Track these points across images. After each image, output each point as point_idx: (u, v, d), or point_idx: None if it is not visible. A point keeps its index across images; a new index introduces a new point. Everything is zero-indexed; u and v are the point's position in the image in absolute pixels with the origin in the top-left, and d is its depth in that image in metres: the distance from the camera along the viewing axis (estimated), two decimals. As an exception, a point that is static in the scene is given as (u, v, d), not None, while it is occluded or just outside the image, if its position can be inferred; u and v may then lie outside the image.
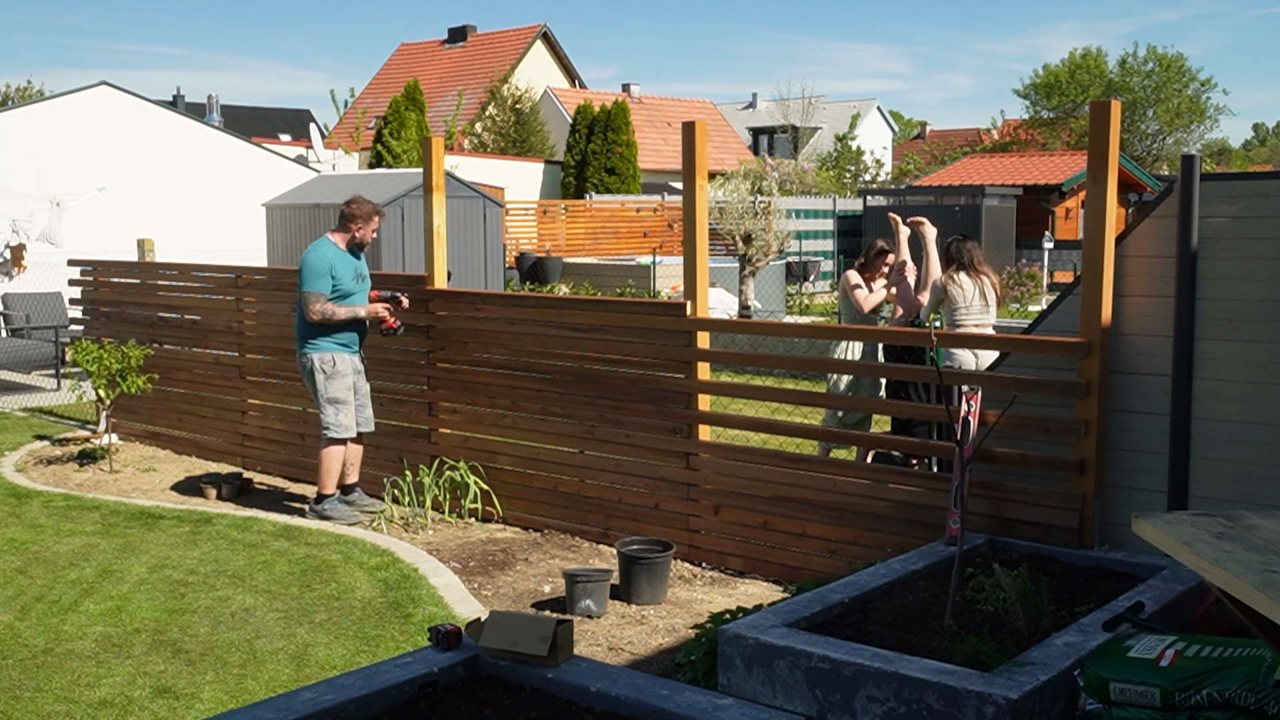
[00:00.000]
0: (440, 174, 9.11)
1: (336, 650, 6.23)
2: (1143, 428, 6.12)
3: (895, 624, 5.16)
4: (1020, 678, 4.36)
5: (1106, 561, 5.95)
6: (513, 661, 4.58)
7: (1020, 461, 6.38)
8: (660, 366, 7.78)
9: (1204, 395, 5.94)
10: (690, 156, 7.60)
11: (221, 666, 6.02)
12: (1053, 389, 6.26)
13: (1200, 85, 55.64)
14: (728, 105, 62.77)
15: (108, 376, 10.28)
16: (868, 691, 4.52)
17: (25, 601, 6.99)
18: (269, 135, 40.65)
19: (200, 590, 7.19)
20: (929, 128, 72.29)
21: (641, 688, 4.33)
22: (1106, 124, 6.09)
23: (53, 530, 8.51)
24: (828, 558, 7.07)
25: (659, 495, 7.86)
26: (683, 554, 7.71)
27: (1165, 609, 5.19)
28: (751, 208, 22.04)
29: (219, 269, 10.94)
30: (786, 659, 4.75)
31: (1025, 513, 6.35)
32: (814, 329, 8.36)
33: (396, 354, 9.32)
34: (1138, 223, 6.16)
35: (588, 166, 36.04)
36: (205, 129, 21.27)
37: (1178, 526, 4.76)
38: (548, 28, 50.80)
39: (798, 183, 35.84)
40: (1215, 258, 5.90)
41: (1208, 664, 4.13)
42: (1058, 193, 32.29)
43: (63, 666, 6.01)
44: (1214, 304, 5.91)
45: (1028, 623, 5.02)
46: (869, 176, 48.31)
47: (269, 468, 10.41)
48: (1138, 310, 6.14)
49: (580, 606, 6.76)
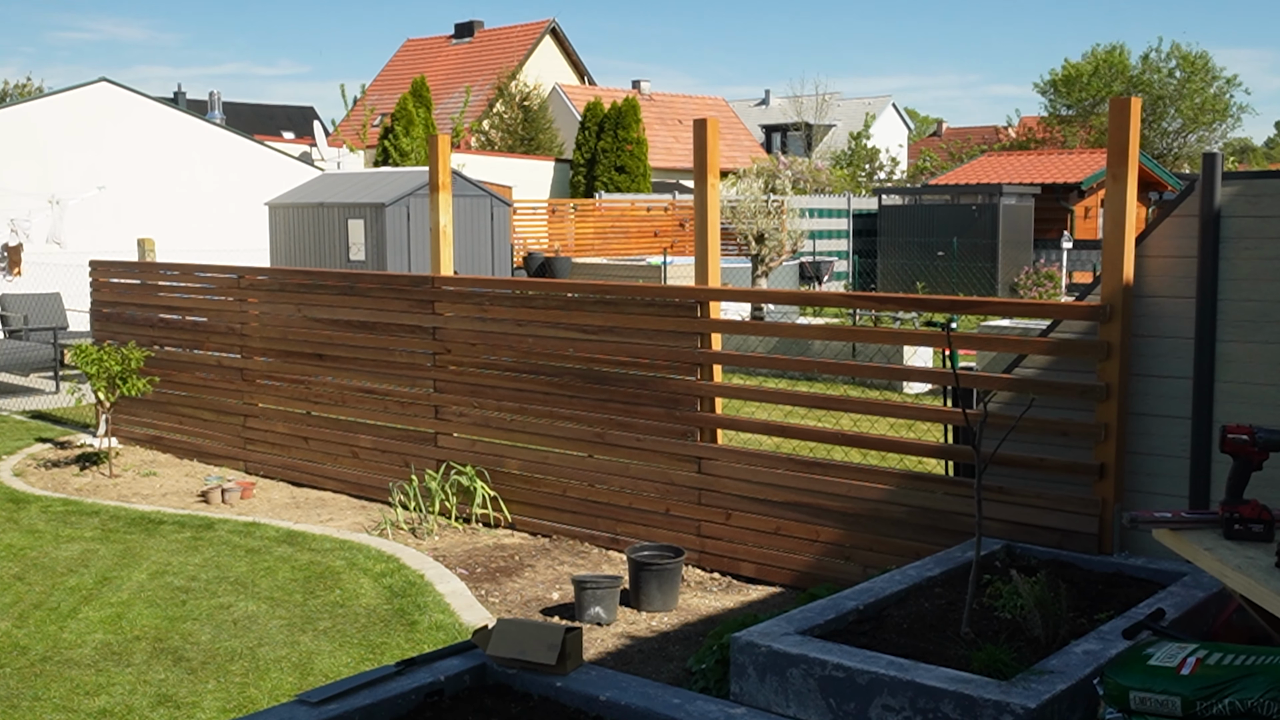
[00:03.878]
0: (447, 172, 9.03)
1: (341, 658, 6.15)
2: (1163, 431, 6.04)
3: (911, 631, 5.08)
4: (1038, 686, 4.28)
5: (1126, 568, 5.85)
6: (521, 670, 4.53)
7: (1039, 466, 6.29)
8: (671, 369, 7.68)
9: (1226, 398, 5.87)
10: (702, 154, 7.52)
11: (223, 675, 5.94)
12: (1072, 391, 6.17)
13: (1224, 83, 55.43)
14: (740, 102, 62.49)
15: (107, 379, 10.20)
16: (883, 700, 4.44)
17: (23, 608, 6.91)
18: (272, 133, 40.61)
19: (202, 597, 7.10)
20: (945, 125, 71.91)
21: (652, 696, 4.29)
22: (1127, 121, 6.00)
23: (51, 536, 8.43)
24: (842, 564, 6.98)
25: (669, 500, 7.76)
26: (694, 560, 7.62)
27: (1186, 616, 5.10)
28: (764, 207, 21.98)
29: (221, 269, 10.85)
30: (800, 667, 4.68)
31: (1043, 518, 6.27)
32: (828, 330, 8.24)
33: (403, 356, 9.23)
34: (1158, 222, 6.08)
35: (597, 165, 35.90)
36: (207, 126, 21.17)
37: (1199, 533, 4.69)
38: (556, 23, 50.66)
39: (811, 181, 35.74)
40: (1237, 258, 5.82)
41: (1230, 672, 4.03)
42: (1077, 191, 32.10)
43: (62, 675, 5.94)
44: (1236, 305, 5.83)
45: (1046, 630, 4.94)
46: (884, 175, 48.10)
47: (272, 472, 10.32)
48: (1158, 311, 6.05)
49: (589, 614, 6.67)
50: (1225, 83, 55.32)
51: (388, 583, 7.35)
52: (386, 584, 7.33)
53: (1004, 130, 61.68)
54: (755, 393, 8.02)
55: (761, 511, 7.37)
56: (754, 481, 7.39)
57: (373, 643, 6.37)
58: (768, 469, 7.37)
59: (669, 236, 31.14)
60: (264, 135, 29.97)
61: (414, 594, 7.13)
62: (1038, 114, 58.49)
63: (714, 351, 7.60)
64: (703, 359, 7.59)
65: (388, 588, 7.27)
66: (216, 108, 35.06)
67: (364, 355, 9.49)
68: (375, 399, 9.48)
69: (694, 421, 7.64)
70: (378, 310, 9.32)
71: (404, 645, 6.31)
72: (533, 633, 4.57)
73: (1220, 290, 5.85)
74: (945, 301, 7.26)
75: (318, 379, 9.90)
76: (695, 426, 7.65)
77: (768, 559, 7.38)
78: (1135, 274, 6.08)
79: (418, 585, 7.29)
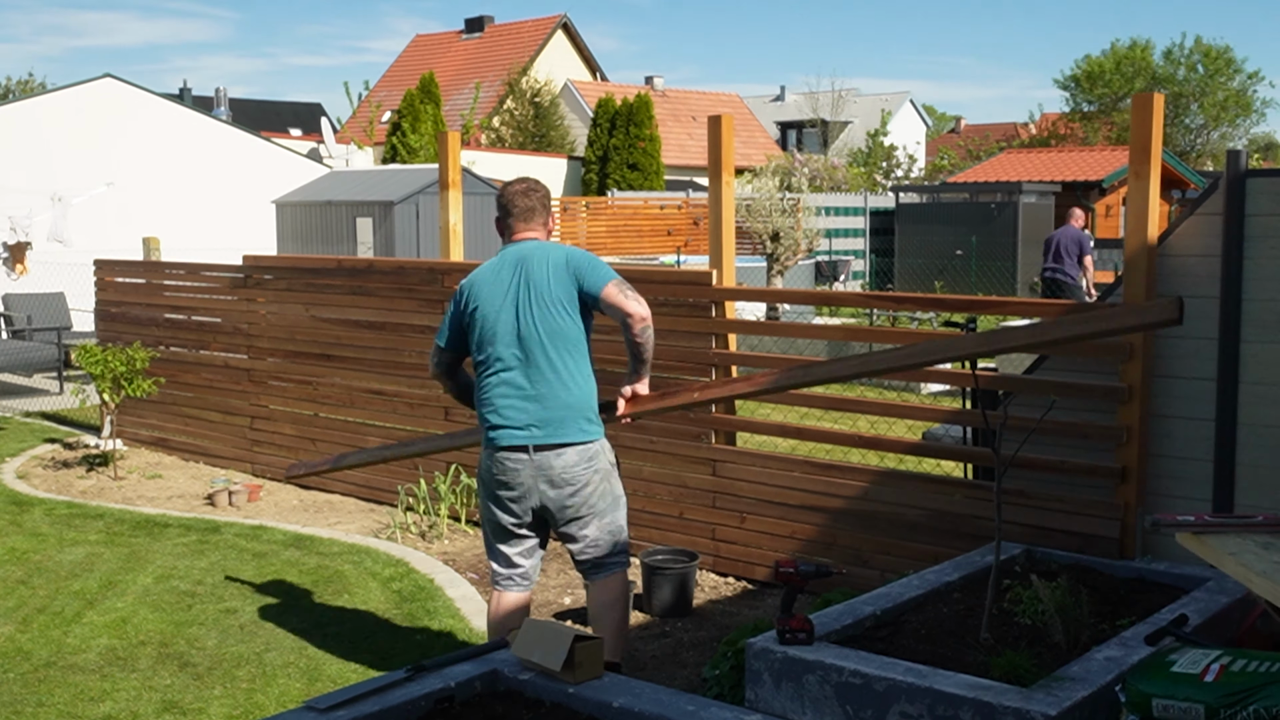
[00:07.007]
0: (457, 170, 8.94)
1: (349, 664, 6.07)
2: (1186, 434, 5.93)
3: (929, 637, 5.01)
4: (1059, 693, 4.22)
5: (1149, 573, 5.76)
6: (537, 674, 4.46)
7: (1059, 469, 6.19)
8: (684, 369, 7.58)
9: (1250, 400, 5.75)
10: (716, 151, 7.43)
11: (230, 681, 5.88)
12: (1093, 393, 6.06)
13: (1247, 78, 55.21)
14: (755, 98, 62.21)
15: (112, 380, 10.12)
16: (900, 707, 4.38)
17: (27, 613, 6.84)
18: (279, 130, 40.49)
19: (208, 601, 7.03)
20: (964, 122, 71.43)
21: (666, 703, 4.20)
22: (1149, 117, 5.89)
23: (55, 539, 8.36)
24: (859, 568, 6.88)
25: (683, 504, 7.67)
26: (708, 564, 7.52)
27: (1210, 622, 5.02)
28: (779, 205, 21.90)
29: (228, 268, 10.75)
30: (816, 673, 4.61)
31: (1064, 522, 6.17)
32: (845, 331, 8.15)
33: (410, 357, 9.14)
34: (1181, 220, 5.97)
35: (609, 162, 35.75)
36: (213, 123, 21.11)
37: (1223, 537, 4.61)
38: (568, 18, 50.61)
39: (827, 179, 35.66)
40: (1262, 257, 5.71)
41: (1255, 679, 3.97)
42: (1098, 189, 31.92)
43: (66, 680, 5.87)
44: (1261, 305, 5.72)
45: (1067, 636, 4.87)
46: (901, 172, 47.84)
47: (279, 474, 10.23)
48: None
49: (601, 618, 6.57)
50: (1249, 78, 55.12)
51: (397, 587, 7.27)
52: (395, 588, 7.25)
53: (1024, 127, 61.44)
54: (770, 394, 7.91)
55: (777, 515, 7.27)
56: (769, 485, 7.29)
57: (381, 648, 6.29)
58: (783, 472, 7.27)
59: (683, 235, 31.00)
60: (271, 132, 29.88)
61: (423, 598, 7.05)
62: (1059, 110, 58.34)
63: (729, 352, 7.50)
64: (717, 360, 7.50)
65: (397, 592, 7.19)
66: (223, 104, 35.04)
67: (373, 355, 9.41)
68: (384, 400, 9.39)
69: (708, 424, 7.55)
70: (387, 310, 9.24)
71: (413, 651, 6.22)
72: (550, 637, 4.50)
73: (1245, 290, 5.74)
74: (964, 301, 7.15)
75: (326, 380, 9.82)
76: (710, 429, 7.55)
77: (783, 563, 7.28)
78: (1158, 273, 5.97)
79: (427, 589, 7.21)
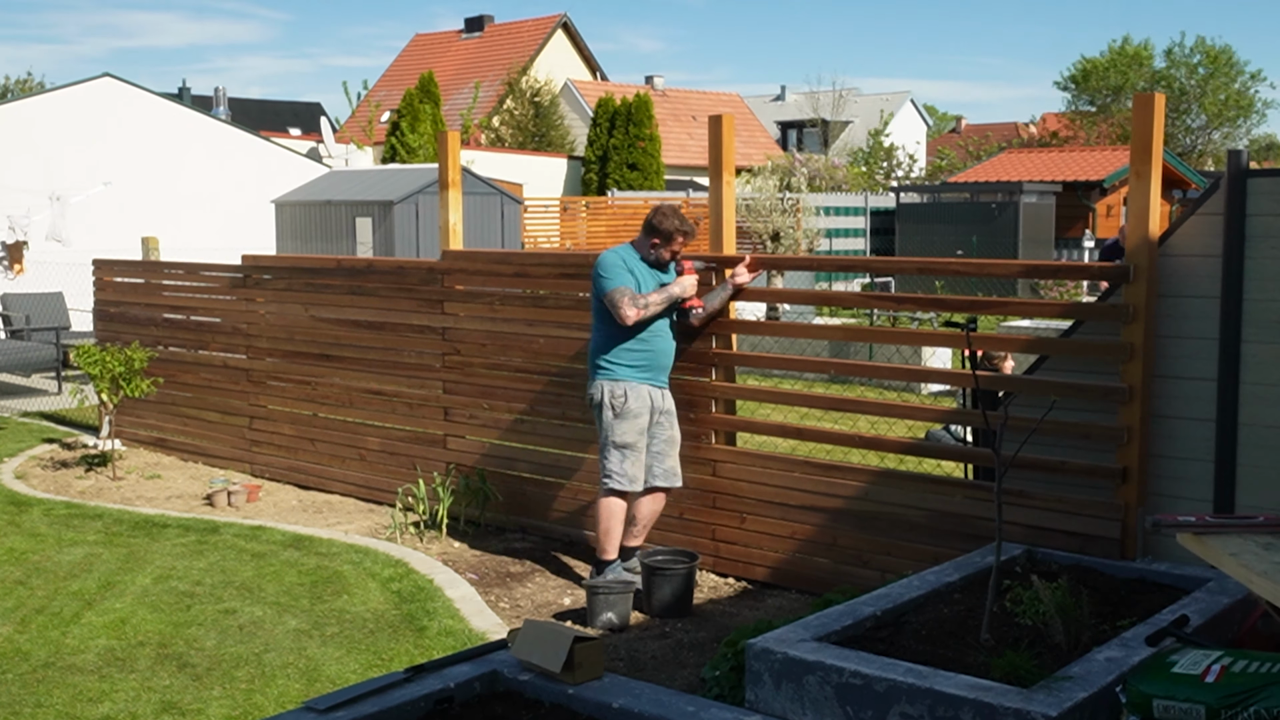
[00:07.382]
0: (456, 169, 8.92)
1: (349, 665, 6.06)
2: (1187, 434, 5.93)
3: (930, 638, 5.01)
4: (1060, 694, 4.23)
5: (1150, 573, 5.76)
6: (536, 675, 4.46)
7: (1060, 469, 6.18)
8: (683, 370, 7.57)
9: (1251, 400, 5.75)
10: (717, 151, 7.42)
11: (229, 682, 5.86)
12: (1094, 394, 6.06)
13: (1248, 78, 55.17)
14: (755, 98, 62.17)
15: (111, 380, 10.10)
16: (901, 708, 4.38)
17: (25, 613, 6.83)
18: (278, 129, 40.44)
19: (207, 602, 7.02)
20: (964, 122, 71.33)
21: (665, 704, 4.23)
22: (1150, 117, 5.89)
23: (54, 539, 8.35)
24: (859, 569, 6.87)
25: (683, 504, 7.64)
26: (708, 565, 7.51)
27: (1211, 623, 5.02)
28: (780, 204, 21.90)
29: (227, 268, 10.73)
30: (816, 674, 4.61)
31: (1065, 522, 6.17)
32: (845, 331, 8.14)
33: (411, 357, 9.13)
34: (1182, 220, 5.97)
35: (609, 162, 35.73)
36: (212, 122, 21.07)
37: (1224, 537, 4.61)
38: (568, 17, 50.60)
39: (828, 179, 35.64)
40: (1263, 257, 5.71)
41: (1255, 680, 3.98)
42: (1099, 189, 31.97)
43: (64, 681, 5.86)
44: (1261, 305, 5.72)
45: (1067, 637, 4.87)
46: (902, 172, 47.78)
47: (278, 474, 10.23)
48: (1182, 312, 5.94)
49: (602, 619, 6.57)
50: (1250, 78, 55.09)
51: (396, 588, 7.26)
52: (395, 589, 7.24)
53: (1024, 127, 61.40)
54: (770, 394, 7.91)
55: (777, 515, 7.26)
56: (769, 485, 7.28)
57: (381, 649, 6.28)
58: (783, 472, 7.26)
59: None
60: (270, 131, 29.86)
61: (423, 599, 7.04)
62: (1059, 111, 58.29)
63: (729, 352, 7.49)
64: (717, 359, 7.49)
65: (396, 593, 7.18)
66: (222, 103, 34.96)
67: (372, 355, 9.40)
68: (383, 400, 9.39)
69: (708, 424, 7.54)
70: (386, 310, 9.23)
71: (413, 651, 6.22)
72: (550, 638, 4.52)
73: (1246, 290, 5.74)
74: (964, 301, 7.15)
75: (325, 380, 9.81)
76: (709, 429, 7.54)
77: (783, 564, 7.27)
78: (1159, 274, 5.97)
79: (426, 590, 7.20)
